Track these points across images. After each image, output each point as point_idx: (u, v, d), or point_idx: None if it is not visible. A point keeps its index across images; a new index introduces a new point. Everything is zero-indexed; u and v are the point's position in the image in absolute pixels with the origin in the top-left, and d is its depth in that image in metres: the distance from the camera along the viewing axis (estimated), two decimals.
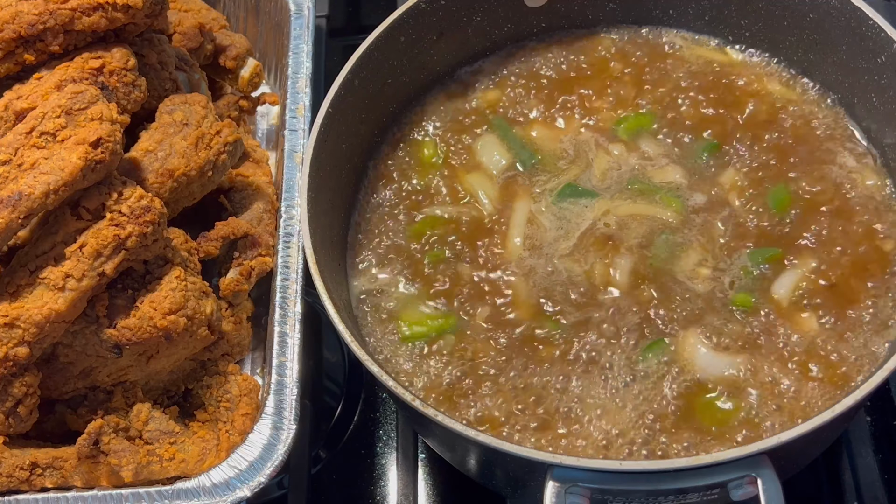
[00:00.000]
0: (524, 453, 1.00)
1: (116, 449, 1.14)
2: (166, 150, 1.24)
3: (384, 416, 1.44)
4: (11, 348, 1.10)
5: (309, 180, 1.20)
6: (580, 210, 1.29)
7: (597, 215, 1.28)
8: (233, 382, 1.25)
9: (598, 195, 1.30)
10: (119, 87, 1.24)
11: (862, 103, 1.31)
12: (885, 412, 1.36)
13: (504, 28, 1.45)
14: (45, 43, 1.24)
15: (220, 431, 1.21)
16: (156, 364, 1.19)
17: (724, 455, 0.97)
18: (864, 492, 1.28)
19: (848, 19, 1.25)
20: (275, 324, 1.24)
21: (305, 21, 1.52)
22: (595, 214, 1.28)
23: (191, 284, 1.18)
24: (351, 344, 1.09)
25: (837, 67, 1.32)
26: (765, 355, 1.15)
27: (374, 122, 1.38)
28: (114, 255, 1.12)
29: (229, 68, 1.48)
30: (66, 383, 1.18)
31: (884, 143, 1.29)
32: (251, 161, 1.42)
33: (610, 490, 1.00)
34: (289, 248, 1.30)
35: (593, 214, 1.28)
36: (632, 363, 1.16)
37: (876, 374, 1.01)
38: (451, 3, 1.37)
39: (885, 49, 1.23)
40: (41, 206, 1.10)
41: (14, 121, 1.18)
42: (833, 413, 0.99)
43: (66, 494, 1.15)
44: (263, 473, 1.15)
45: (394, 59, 1.36)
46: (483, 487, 1.29)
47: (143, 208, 1.13)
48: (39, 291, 1.11)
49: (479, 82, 1.45)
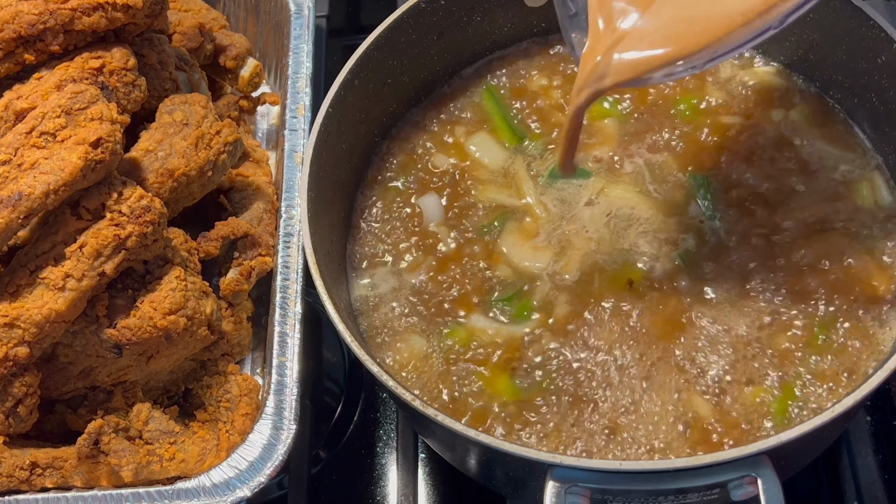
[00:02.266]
0: (524, 453, 1.00)
1: (116, 449, 1.14)
2: (166, 150, 1.24)
3: (384, 416, 1.44)
4: (11, 348, 1.10)
5: (309, 180, 1.20)
6: (575, 190, 1.31)
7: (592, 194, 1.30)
8: (233, 382, 1.25)
9: (592, 175, 1.32)
10: (119, 87, 1.24)
11: (862, 103, 1.31)
12: (885, 412, 1.36)
13: (504, 28, 1.45)
14: (45, 43, 1.24)
15: (220, 431, 1.21)
16: (156, 364, 1.19)
17: (724, 455, 0.97)
18: (864, 492, 1.28)
19: (848, 19, 1.25)
20: (275, 324, 1.24)
21: (305, 21, 1.52)
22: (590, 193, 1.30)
23: (191, 284, 1.18)
24: (351, 344, 1.09)
25: (837, 67, 1.32)
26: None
27: (374, 122, 1.38)
28: (114, 255, 1.12)
29: (229, 68, 1.48)
30: (66, 383, 1.18)
31: (884, 144, 1.29)
32: (251, 161, 1.42)
33: (610, 490, 1.00)
34: (289, 248, 1.30)
35: (588, 193, 1.30)
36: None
37: (876, 374, 1.01)
38: (451, 3, 1.37)
39: (885, 49, 1.22)
40: (41, 206, 1.10)
41: (14, 121, 1.18)
42: (833, 413, 0.99)
43: (66, 494, 1.15)
44: (263, 473, 1.15)
45: (394, 59, 1.36)
46: (483, 487, 1.29)
47: (143, 208, 1.13)
48: (39, 291, 1.11)
49: (480, 82, 1.45)
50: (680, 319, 1.19)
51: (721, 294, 1.20)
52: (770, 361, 1.15)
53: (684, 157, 1.32)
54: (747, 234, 1.24)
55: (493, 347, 1.20)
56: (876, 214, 1.25)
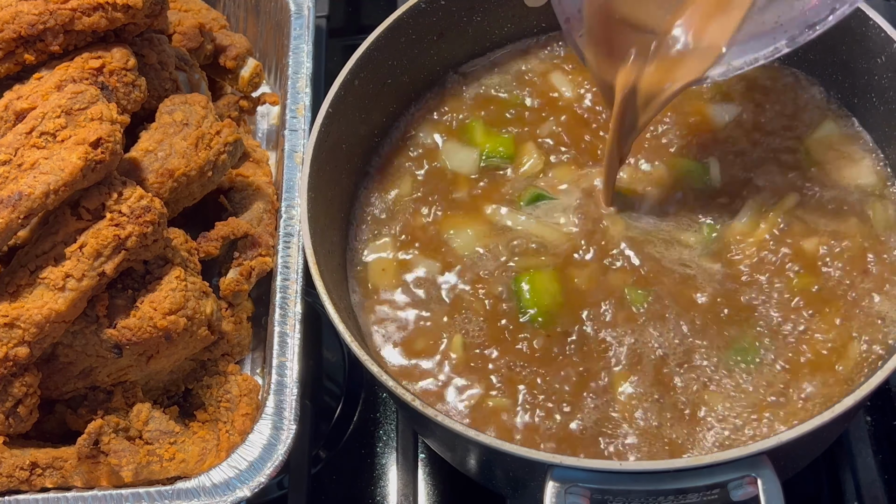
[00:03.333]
0: (524, 453, 1.00)
1: (116, 449, 1.14)
2: (166, 150, 1.24)
3: (384, 416, 1.44)
4: (11, 348, 1.10)
5: (309, 180, 1.20)
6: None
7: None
8: (233, 382, 1.25)
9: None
10: (119, 87, 1.24)
11: (862, 103, 1.31)
12: (885, 412, 1.36)
13: (504, 28, 1.45)
14: (45, 43, 1.24)
15: (220, 431, 1.21)
16: (156, 364, 1.19)
17: (724, 455, 0.97)
18: (864, 492, 1.28)
19: (848, 19, 1.25)
20: (275, 324, 1.24)
21: (305, 21, 1.52)
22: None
23: (191, 284, 1.18)
24: (351, 344, 1.09)
25: (837, 67, 1.32)
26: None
27: (374, 122, 1.38)
28: (114, 255, 1.12)
29: (229, 68, 1.48)
30: (66, 383, 1.18)
31: (885, 145, 1.29)
32: (251, 161, 1.42)
33: (610, 490, 1.00)
34: (289, 248, 1.30)
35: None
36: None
37: (876, 374, 1.01)
38: (451, 3, 1.37)
39: (885, 49, 1.23)
40: (41, 206, 1.10)
41: (14, 121, 1.19)
42: (833, 413, 0.99)
43: (66, 494, 1.15)
44: (263, 473, 1.15)
45: (394, 59, 1.36)
46: (483, 487, 1.29)
47: (143, 208, 1.13)
48: (39, 291, 1.11)
49: (480, 82, 1.45)
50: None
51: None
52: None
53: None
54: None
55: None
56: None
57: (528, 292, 1.22)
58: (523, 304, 1.22)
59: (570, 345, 1.18)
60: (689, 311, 1.19)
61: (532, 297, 1.22)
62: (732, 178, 1.29)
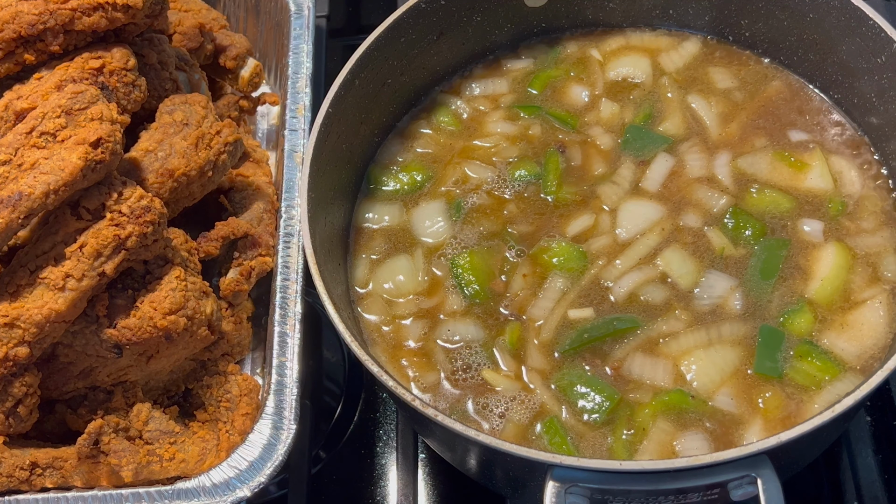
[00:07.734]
0: (524, 453, 1.00)
1: (116, 449, 1.14)
2: (166, 150, 1.24)
3: (384, 416, 1.44)
4: (11, 348, 1.10)
5: (309, 180, 1.20)
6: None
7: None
8: (233, 382, 1.25)
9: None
10: (119, 87, 1.24)
11: (862, 103, 1.31)
12: (885, 412, 1.36)
13: (504, 28, 1.45)
14: (45, 43, 1.24)
15: (220, 431, 1.21)
16: (156, 364, 1.19)
17: (724, 455, 0.97)
18: (864, 492, 1.28)
19: (848, 19, 1.25)
20: (275, 324, 1.24)
21: (305, 21, 1.52)
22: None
23: (191, 284, 1.18)
24: (351, 344, 1.09)
25: (837, 67, 1.32)
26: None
27: (374, 122, 1.38)
28: (114, 255, 1.12)
29: (229, 68, 1.48)
30: (66, 383, 1.18)
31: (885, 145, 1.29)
32: (251, 161, 1.42)
33: (610, 490, 1.00)
34: (289, 248, 1.30)
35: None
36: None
37: (876, 373, 1.01)
38: (451, 3, 1.37)
39: (885, 49, 1.23)
40: (41, 206, 1.10)
41: (14, 121, 1.18)
42: (833, 413, 0.99)
43: (66, 494, 1.15)
44: (263, 473, 1.15)
45: (394, 59, 1.36)
46: (483, 487, 1.29)
47: (143, 208, 1.13)
48: (39, 291, 1.11)
49: (480, 82, 1.45)
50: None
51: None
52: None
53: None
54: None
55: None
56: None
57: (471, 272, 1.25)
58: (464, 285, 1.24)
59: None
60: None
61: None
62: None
